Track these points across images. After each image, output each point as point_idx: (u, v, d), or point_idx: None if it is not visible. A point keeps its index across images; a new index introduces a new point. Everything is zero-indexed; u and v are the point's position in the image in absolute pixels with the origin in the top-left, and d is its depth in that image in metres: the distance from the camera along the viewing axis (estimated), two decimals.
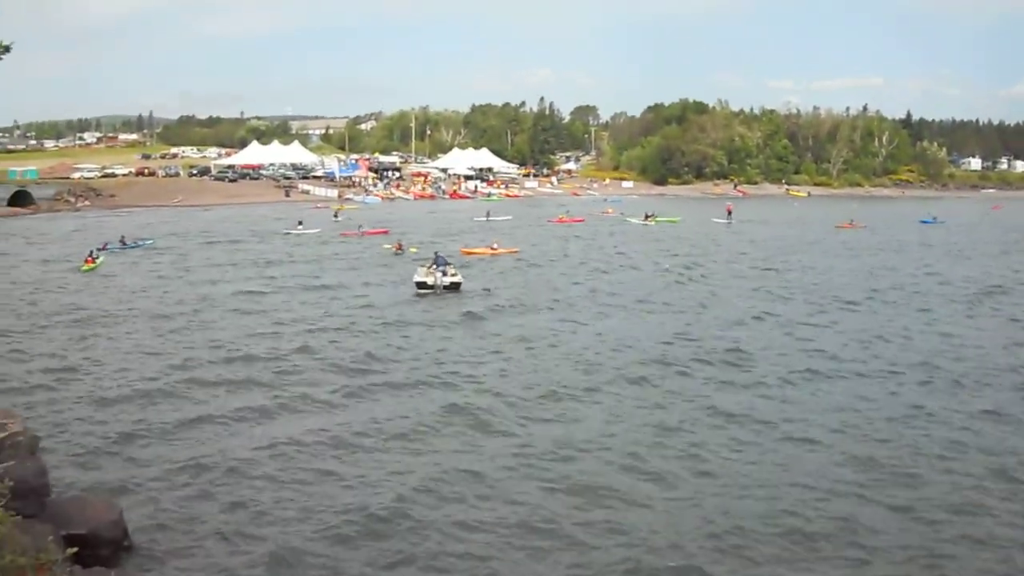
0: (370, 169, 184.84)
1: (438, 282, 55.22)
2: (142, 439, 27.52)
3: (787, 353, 39.34)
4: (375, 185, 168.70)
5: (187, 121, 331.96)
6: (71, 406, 30.91)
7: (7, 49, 15.50)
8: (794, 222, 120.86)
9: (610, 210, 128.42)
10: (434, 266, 56.87)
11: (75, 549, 15.02)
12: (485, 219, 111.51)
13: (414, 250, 74.01)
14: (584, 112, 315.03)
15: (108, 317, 47.79)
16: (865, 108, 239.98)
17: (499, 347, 40.88)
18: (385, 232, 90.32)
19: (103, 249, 72.91)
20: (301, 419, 29.81)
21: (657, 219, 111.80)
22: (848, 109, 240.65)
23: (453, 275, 56.27)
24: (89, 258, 67.59)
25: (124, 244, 79.21)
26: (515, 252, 76.80)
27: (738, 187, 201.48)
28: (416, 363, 37.57)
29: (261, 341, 41.90)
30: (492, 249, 76.63)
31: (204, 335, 43.40)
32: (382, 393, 32.94)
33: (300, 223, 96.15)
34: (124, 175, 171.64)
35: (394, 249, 75.43)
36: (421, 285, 55.43)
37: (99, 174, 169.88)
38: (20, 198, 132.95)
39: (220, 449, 26.78)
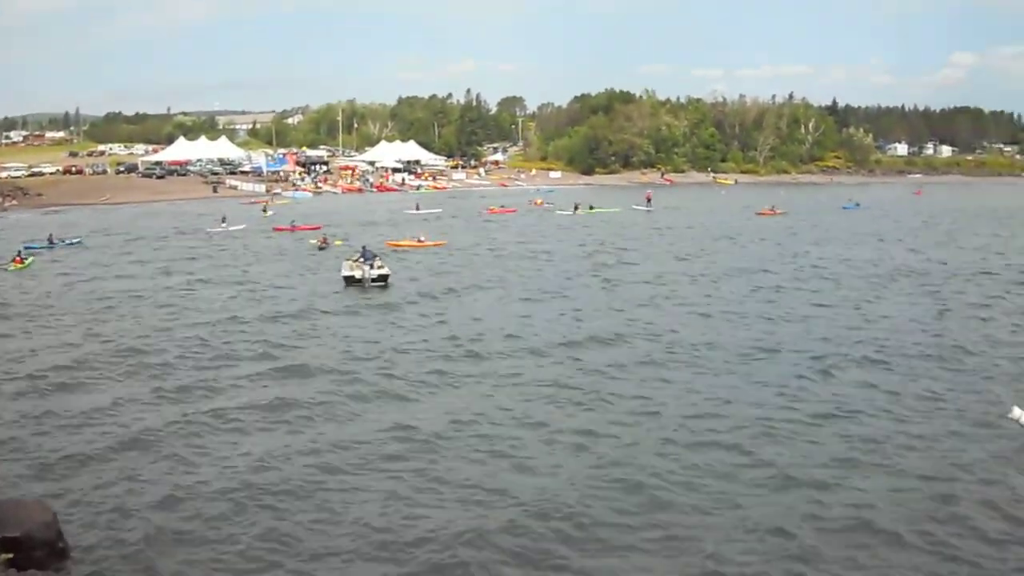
0: (298, 163, 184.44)
1: (366, 275, 55.80)
2: (77, 439, 27.95)
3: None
4: (303, 179, 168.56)
5: (114, 118, 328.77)
6: (1, 409, 31.26)
7: None
8: (716, 209, 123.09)
9: (539, 201, 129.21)
10: (361, 259, 57.62)
11: (11, 555, 15.42)
12: (415, 211, 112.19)
13: (339, 243, 74.84)
14: (511, 103, 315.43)
15: (31, 315, 48.27)
16: (791, 96, 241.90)
17: (406, 330, 43.08)
18: (318, 228, 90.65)
19: (29, 247, 73.08)
20: (215, 401, 30.90)
21: (595, 210, 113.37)
22: (774, 97, 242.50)
23: (380, 267, 56.95)
24: (17, 258, 67.59)
25: (52, 243, 79.18)
26: (442, 244, 78.02)
27: (665, 175, 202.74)
28: (322, 348, 39.66)
29: (179, 332, 42.96)
30: (419, 241, 77.51)
31: (124, 327, 44.36)
32: (290, 376, 34.53)
33: (223, 220, 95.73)
34: (51, 173, 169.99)
35: (319, 243, 75.96)
36: (349, 280, 56.14)
37: (26, 173, 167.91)
38: None
39: (148, 442, 27.46)
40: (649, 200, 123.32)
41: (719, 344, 39.44)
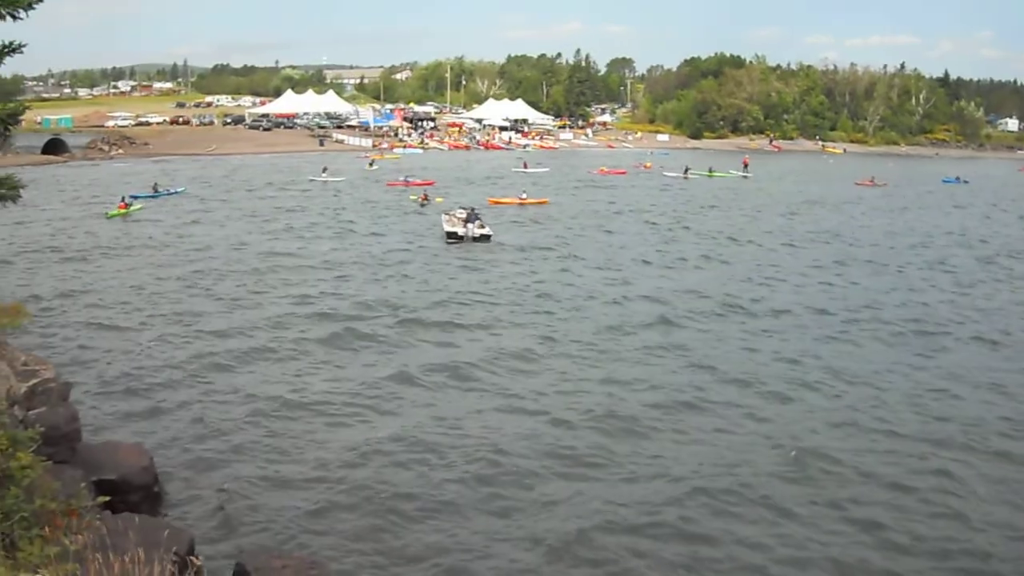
0: (405, 119, 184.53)
1: (469, 232, 56.41)
2: (171, 387, 27.83)
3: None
4: (410, 135, 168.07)
5: (222, 70, 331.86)
6: (102, 352, 31.22)
7: None
8: (817, 177, 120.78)
9: (648, 164, 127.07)
10: (464, 218, 58.10)
11: (107, 498, 15.01)
12: (523, 169, 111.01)
13: (439, 200, 74.08)
14: (620, 64, 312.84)
15: (138, 263, 48.48)
16: (903, 66, 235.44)
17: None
18: (430, 183, 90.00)
19: (135, 196, 73.03)
20: (320, 365, 30.39)
21: (715, 173, 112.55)
22: (885, 67, 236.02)
23: (482, 227, 57.28)
24: (122, 203, 68.58)
25: (156, 192, 79.51)
26: (544, 203, 77.24)
27: (773, 142, 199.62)
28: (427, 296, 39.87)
29: (286, 287, 42.91)
30: (521, 199, 77.05)
31: (229, 281, 44.09)
32: (409, 335, 33.97)
33: (324, 170, 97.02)
34: (158, 124, 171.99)
35: (420, 200, 75.39)
36: (451, 235, 56.69)
37: (133, 123, 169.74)
38: (54, 146, 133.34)
39: (251, 394, 27.06)
40: (746, 165, 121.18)
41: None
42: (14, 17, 15.49)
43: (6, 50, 16.12)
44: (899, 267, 52.75)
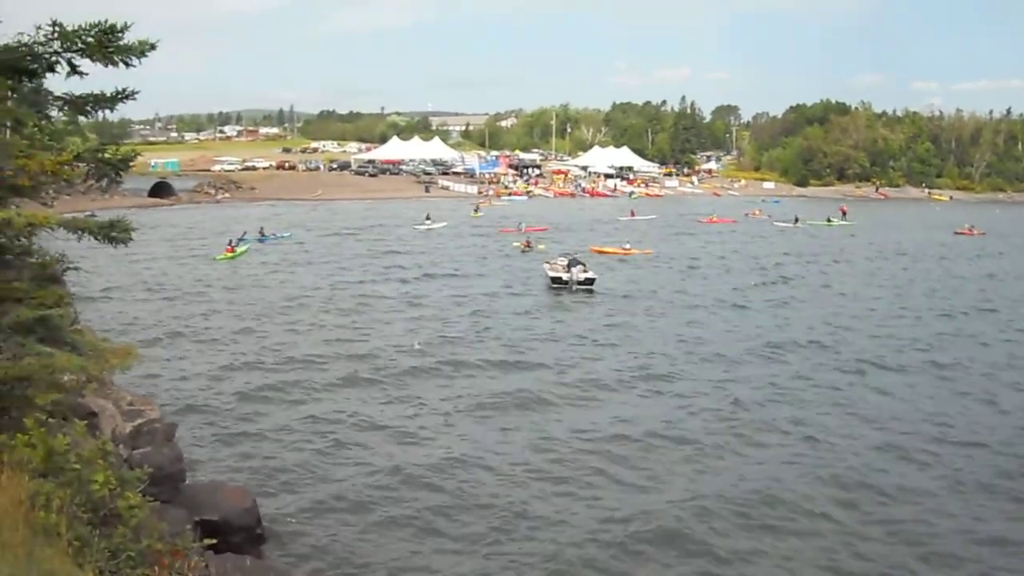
0: (510, 166, 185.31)
1: (573, 277, 56.47)
2: (275, 429, 27.98)
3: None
4: (515, 182, 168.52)
5: (328, 116, 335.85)
6: (207, 393, 31.48)
7: (152, 47, 15.62)
8: (918, 225, 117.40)
9: (757, 211, 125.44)
10: (565, 265, 58.22)
11: (213, 540, 15.01)
12: (630, 217, 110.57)
13: (542, 248, 73.85)
14: (725, 112, 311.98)
15: (243, 305, 49.18)
16: (1008, 111, 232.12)
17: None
18: (544, 229, 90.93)
19: (241, 239, 73.97)
20: (432, 411, 30.38)
21: (834, 223, 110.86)
22: (991, 112, 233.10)
23: (585, 271, 57.44)
24: (229, 247, 70.05)
25: (263, 236, 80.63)
26: (648, 253, 76.43)
27: (880, 190, 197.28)
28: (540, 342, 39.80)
29: (388, 330, 43.55)
30: (624, 249, 76.42)
31: (336, 325, 44.75)
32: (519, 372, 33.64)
33: (427, 217, 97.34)
34: (264, 168, 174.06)
35: (522, 247, 75.54)
36: (556, 280, 56.84)
37: (239, 167, 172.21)
38: (161, 189, 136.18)
39: (355, 438, 27.15)
40: (844, 213, 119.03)
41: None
42: (127, 64, 15.60)
43: (119, 97, 16.29)
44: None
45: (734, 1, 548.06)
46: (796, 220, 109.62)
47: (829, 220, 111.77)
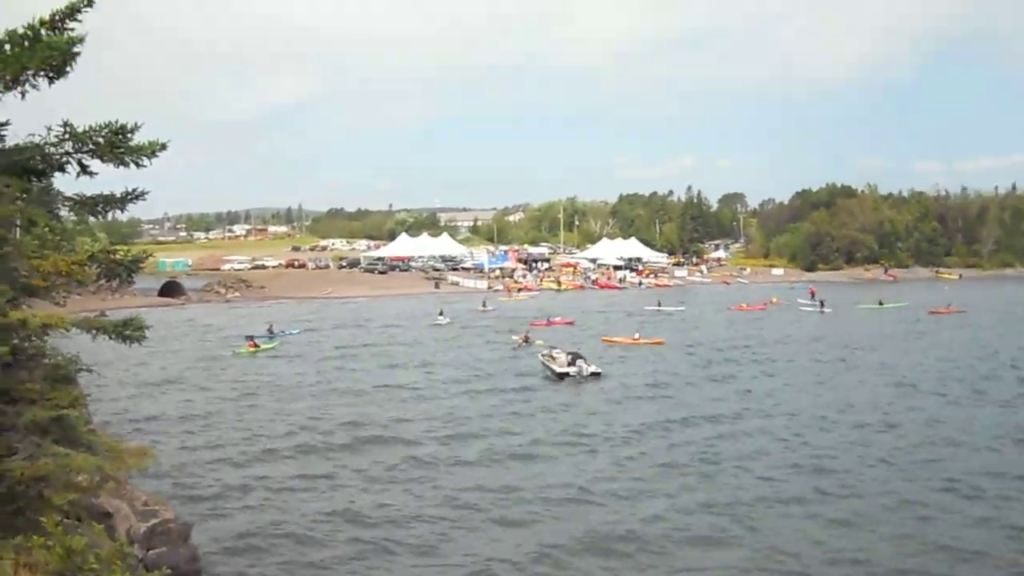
0: (519, 260, 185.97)
1: (581, 371, 56.95)
2: (296, 525, 27.89)
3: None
4: (524, 276, 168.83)
5: (336, 214, 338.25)
6: (223, 490, 31.52)
7: (163, 147, 15.90)
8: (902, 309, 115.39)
9: (775, 299, 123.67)
10: (570, 356, 58.62)
11: None
12: (657, 307, 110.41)
13: (540, 343, 73.52)
14: (731, 199, 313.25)
15: (259, 400, 49.67)
16: (1014, 187, 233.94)
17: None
18: (571, 322, 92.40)
19: (250, 338, 74.69)
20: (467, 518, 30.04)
21: (885, 305, 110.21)
22: (997, 188, 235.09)
23: (589, 365, 58.03)
24: (251, 342, 72.86)
25: (271, 333, 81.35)
26: (659, 343, 76.05)
27: (888, 271, 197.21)
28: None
29: (410, 427, 43.45)
30: (634, 339, 76.70)
31: (349, 422, 44.48)
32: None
33: (441, 313, 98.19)
34: (274, 267, 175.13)
35: (521, 340, 75.59)
36: (562, 376, 56.99)
37: (249, 266, 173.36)
38: (170, 288, 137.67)
39: (379, 537, 27.11)
40: (813, 295, 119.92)
41: None
42: (138, 165, 15.87)
43: (130, 197, 16.51)
44: None
45: (733, 90, 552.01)
46: (822, 304, 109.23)
47: (881, 303, 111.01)
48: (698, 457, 37.05)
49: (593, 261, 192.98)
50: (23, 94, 14.79)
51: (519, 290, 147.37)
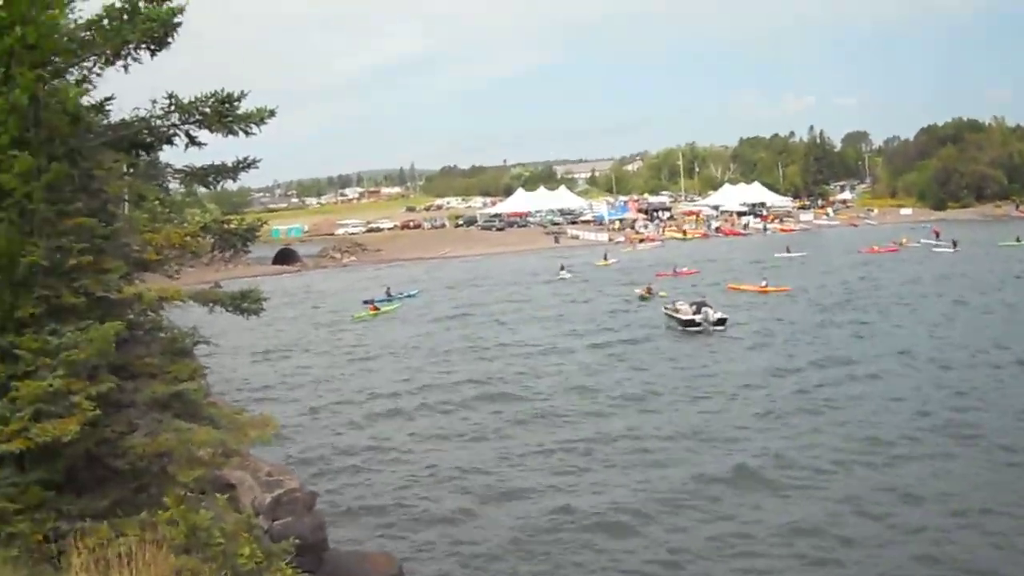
0: (640, 210, 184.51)
1: (708, 318, 56.94)
2: (420, 494, 28.09)
3: None
4: (646, 227, 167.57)
5: (449, 171, 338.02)
6: (347, 457, 31.76)
7: (272, 113, 16.01)
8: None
9: (905, 239, 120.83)
10: (694, 306, 58.73)
11: None
12: (786, 254, 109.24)
13: (663, 295, 73.06)
14: (855, 139, 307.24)
15: (379, 363, 50.20)
16: None
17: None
18: (696, 272, 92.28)
19: (369, 302, 75.53)
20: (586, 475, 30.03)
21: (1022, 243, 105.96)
22: None
23: (716, 312, 58.00)
24: (372, 305, 74.18)
25: (389, 296, 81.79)
26: (786, 290, 75.27)
27: (1020, 207, 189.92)
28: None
29: (530, 383, 44.11)
30: (762, 287, 76.01)
31: (477, 378, 45.28)
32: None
33: (563, 268, 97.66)
34: (389, 229, 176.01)
35: (643, 293, 75.28)
36: (689, 324, 57.28)
37: (364, 229, 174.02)
38: (285, 256, 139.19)
39: (501, 498, 27.17)
40: (938, 235, 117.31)
41: None
42: (247, 133, 16.00)
43: (241, 166, 16.67)
44: None
45: (850, 25, 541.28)
46: (955, 244, 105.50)
47: (1019, 239, 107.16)
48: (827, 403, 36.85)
49: (716, 208, 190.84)
50: (125, 68, 14.96)
51: (641, 240, 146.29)
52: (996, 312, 59.88)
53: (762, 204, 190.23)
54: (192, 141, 15.86)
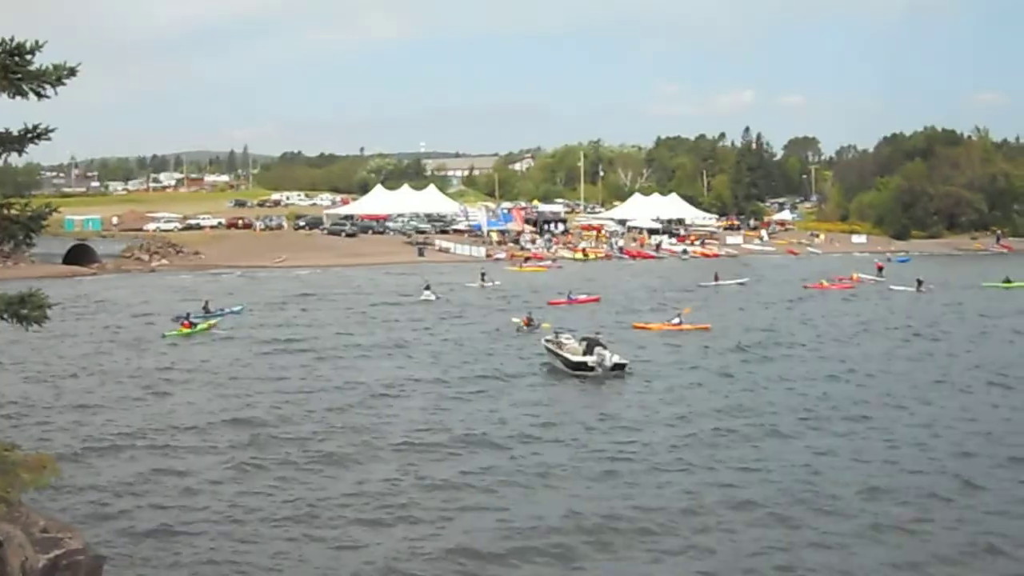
0: (527, 221, 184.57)
1: (603, 362, 55.56)
2: (221, 557, 28.07)
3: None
4: (533, 242, 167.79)
5: (292, 159, 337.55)
6: (145, 513, 31.70)
7: (72, 72, 15.70)
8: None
9: (856, 276, 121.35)
10: (585, 344, 57.69)
11: None
12: (714, 282, 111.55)
13: (546, 326, 73.52)
14: (801, 146, 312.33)
15: (191, 395, 50.16)
16: None
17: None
18: (596, 299, 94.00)
19: (182, 318, 74.73)
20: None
21: (1013, 284, 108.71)
22: None
23: (613, 356, 56.61)
24: (185, 322, 72.82)
25: (207, 312, 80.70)
26: (706, 328, 75.89)
27: (1001, 241, 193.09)
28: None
29: (366, 429, 44.15)
30: (675, 324, 76.23)
31: (304, 425, 44.78)
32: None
33: (427, 287, 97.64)
34: (212, 227, 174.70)
35: (523, 322, 75.92)
36: (577, 366, 56.13)
37: (180, 226, 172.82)
38: (80, 254, 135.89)
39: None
40: (880, 270, 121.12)
41: None
42: (39, 95, 15.65)
43: (30, 136, 16.23)
44: None
45: (802, 2, 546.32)
46: (919, 284, 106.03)
47: (1009, 280, 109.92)
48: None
49: (622, 223, 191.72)
50: None
51: (526, 259, 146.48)
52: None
53: (680, 221, 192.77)
54: None
